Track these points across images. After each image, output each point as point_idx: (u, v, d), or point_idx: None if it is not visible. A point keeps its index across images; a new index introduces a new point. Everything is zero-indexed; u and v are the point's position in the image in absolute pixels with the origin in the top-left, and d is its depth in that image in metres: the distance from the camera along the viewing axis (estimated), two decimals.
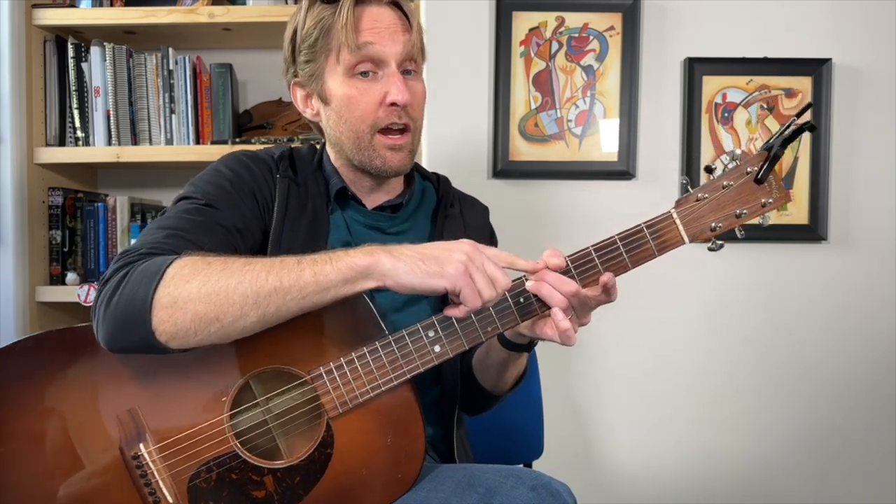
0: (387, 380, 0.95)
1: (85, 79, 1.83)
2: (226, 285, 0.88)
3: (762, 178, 0.95)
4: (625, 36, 1.81)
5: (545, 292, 0.95)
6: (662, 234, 0.97)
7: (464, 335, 0.96)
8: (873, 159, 1.85)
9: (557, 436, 1.57)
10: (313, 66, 1.11)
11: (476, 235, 1.19)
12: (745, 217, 0.96)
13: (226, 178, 1.08)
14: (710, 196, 0.95)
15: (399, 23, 1.09)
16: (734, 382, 1.87)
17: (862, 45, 1.83)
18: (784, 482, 1.88)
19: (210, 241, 0.98)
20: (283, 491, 0.95)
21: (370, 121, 1.09)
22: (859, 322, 1.86)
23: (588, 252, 0.98)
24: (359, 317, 0.97)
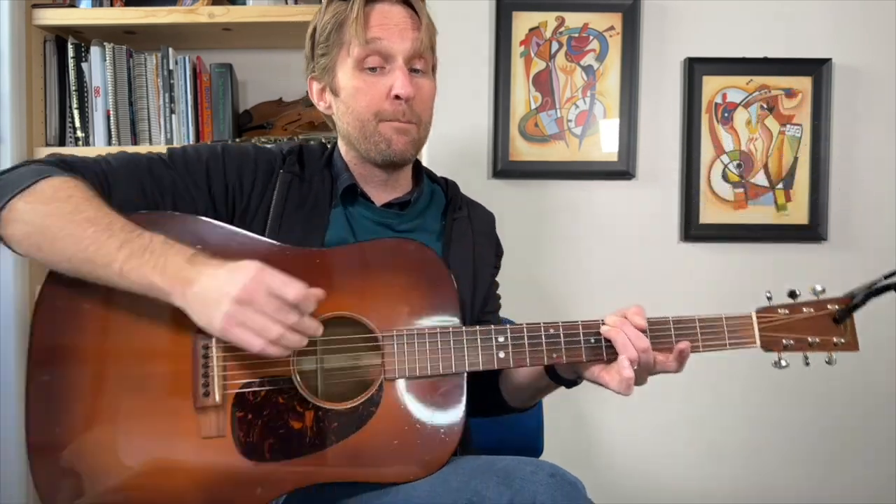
0: (447, 365, 1.00)
1: (85, 79, 1.83)
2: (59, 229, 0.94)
3: (840, 319, 1.04)
4: (625, 36, 1.81)
5: (621, 341, 1.01)
6: (738, 330, 1.04)
7: (529, 352, 1.02)
8: (873, 159, 1.85)
9: (557, 436, 1.57)
10: (327, 59, 1.15)
11: (483, 241, 1.25)
12: (817, 346, 1.05)
13: (212, 152, 1.13)
14: (790, 314, 1.03)
15: (409, 21, 1.13)
16: (733, 382, 1.87)
17: (862, 45, 1.83)
18: (784, 482, 1.88)
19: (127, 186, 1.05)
20: (317, 430, 0.98)
21: (375, 109, 1.12)
22: (859, 322, 1.85)
23: (667, 320, 1.05)
24: (442, 298, 1.04)
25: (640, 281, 1.86)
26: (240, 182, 1.12)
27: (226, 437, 0.98)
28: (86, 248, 0.93)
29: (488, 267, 1.27)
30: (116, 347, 0.99)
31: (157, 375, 0.99)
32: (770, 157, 1.84)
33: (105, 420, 0.98)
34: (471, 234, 1.23)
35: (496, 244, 1.32)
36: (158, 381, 0.99)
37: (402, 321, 1.02)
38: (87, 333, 1.00)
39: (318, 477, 0.98)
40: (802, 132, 1.83)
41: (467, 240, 1.22)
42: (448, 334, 1.01)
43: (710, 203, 1.84)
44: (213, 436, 0.98)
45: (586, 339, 1.03)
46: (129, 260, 0.92)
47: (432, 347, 1.00)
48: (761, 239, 1.85)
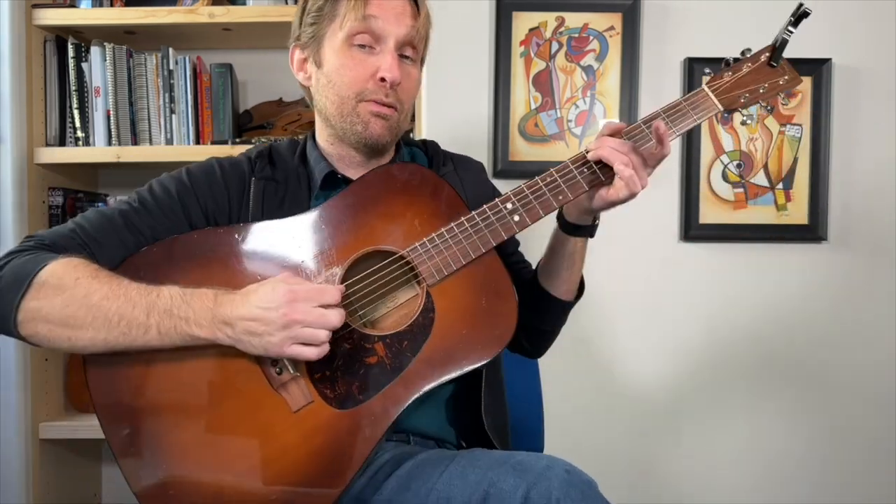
0: (474, 248, 1.05)
1: (85, 79, 1.83)
2: (82, 317, 0.97)
3: (775, 61, 1.12)
4: (625, 36, 1.81)
5: (606, 153, 1.04)
6: (698, 104, 1.10)
7: (539, 205, 1.07)
8: (873, 159, 1.85)
9: (557, 436, 1.57)
10: (316, 28, 1.14)
11: (475, 189, 1.25)
12: (767, 92, 1.12)
13: (179, 183, 1.13)
14: (734, 74, 1.11)
15: (409, 9, 1.13)
16: (734, 382, 1.87)
17: (862, 45, 1.83)
18: (784, 482, 1.88)
19: (110, 248, 1.06)
20: (393, 355, 1.03)
21: (357, 88, 1.11)
22: (859, 322, 1.86)
23: (638, 124, 1.09)
24: (445, 200, 1.09)
25: (640, 281, 1.86)
26: (215, 203, 1.13)
27: (314, 401, 1.01)
28: (117, 326, 0.97)
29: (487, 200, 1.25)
30: (175, 376, 1.02)
31: (226, 381, 1.02)
32: (770, 157, 1.84)
33: (199, 445, 1.01)
34: (461, 186, 1.22)
35: (493, 190, 1.29)
36: (231, 385, 1.02)
37: (418, 233, 1.06)
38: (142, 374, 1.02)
39: (411, 393, 1.02)
40: (802, 132, 1.83)
41: (459, 191, 1.19)
42: (462, 223, 1.06)
43: (710, 203, 1.84)
44: (303, 405, 1.01)
45: (579, 170, 1.08)
46: (162, 322, 0.97)
47: (455, 240, 1.05)
48: (761, 239, 1.85)
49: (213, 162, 1.17)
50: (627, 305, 1.87)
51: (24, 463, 1.75)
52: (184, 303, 0.98)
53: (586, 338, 1.87)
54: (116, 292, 0.98)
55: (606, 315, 1.87)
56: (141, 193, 1.12)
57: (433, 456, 1.03)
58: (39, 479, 1.78)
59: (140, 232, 1.08)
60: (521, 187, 1.08)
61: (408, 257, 1.05)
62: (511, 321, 1.05)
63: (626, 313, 1.87)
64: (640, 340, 1.87)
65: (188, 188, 1.12)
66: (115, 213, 1.09)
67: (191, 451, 1.00)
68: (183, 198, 1.12)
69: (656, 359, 1.87)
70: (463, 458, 1.00)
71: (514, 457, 0.96)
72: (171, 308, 0.97)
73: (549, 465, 0.93)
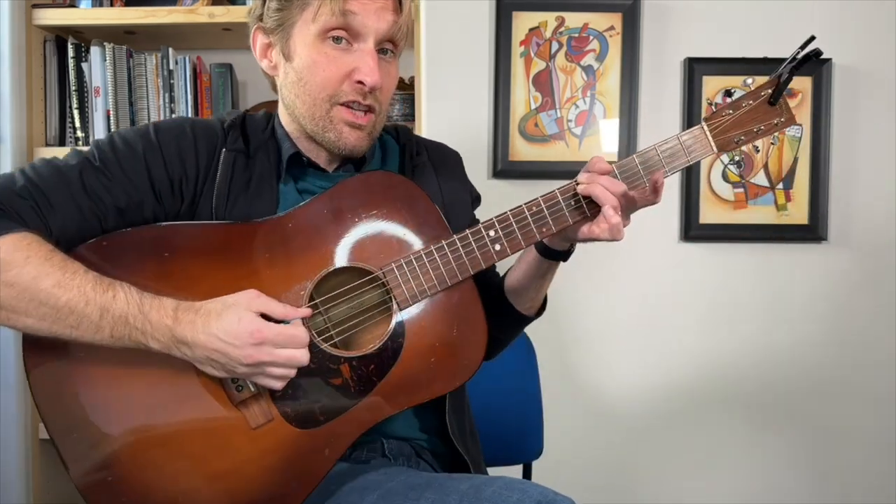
0: (452, 274, 1.02)
1: (85, 79, 1.83)
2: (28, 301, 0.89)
3: (774, 100, 1.07)
4: (625, 36, 1.81)
5: (598, 192, 1.01)
6: (694, 144, 1.07)
7: (521, 235, 1.03)
8: (873, 159, 1.85)
9: (557, 436, 1.57)
10: (284, 14, 1.03)
11: (449, 182, 1.18)
12: (762, 132, 1.08)
13: (146, 140, 1.02)
14: (733, 113, 1.08)
15: (390, 2, 1.03)
16: (734, 382, 1.87)
17: (862, 45, 1.83)
18: (784, 481, 1.89)
19: (64, 213, 0.96)
20: (358, 378, 1.00)
21: (331, 90, 1.02)
22: (859, 322, 1.86)
23: (631, 160, 1.05)
24: (425, 217, 1.04)
25: (640, 281, 1.86)
26: (184, 169, 1.03)
27: (274, 419, 0.99)
28: (65, 319, 0.90)
29: (463, 207, 1.20)
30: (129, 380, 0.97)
31: (186, 393, 0.98)
32: (770, 157, 1.84)
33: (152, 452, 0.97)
34: (435, 178, 1.16)
35: (468, 184, 1.25)
36: (190, 398, 0.98)
37: (396, 252, 1.02)
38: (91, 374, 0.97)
39: (375, 418, 1.01)
40: (802, 132, 1.83)
41: (432, 184, 1.15)
42: (443, 247, 1.02)
43: (710, 203, 1.84)
44: (262, 423, 0.99)
45: (567, 203, 1.04)
46: (115, 327, 0.91)
47: (433, 265, 1.02)
48: (761, 239, 1.85)
49: (184, 122, 1.07)
50: (627, 305, 1.87)
51: (24, 463, 1.75)
52: (141, 313, 0.91)
53: (585, 338, 1.87)
54: (69, 282, 0.89)
55: (606, 315, 1.87)
56: (101, 148, 1.01)
57: (399, 487, 0.98)
58: (39, 479, 1.78)
59: (99, 198, 0.98)
60: (507, 215, 1.04)
61: (383, 279, 1.01)
62: (479, 353, 1.03)
63: (625, 313, 1.86)
64: (640, 340, 1.87)
65: (155, 147, 1.02)
66: (72, 170, 0.98)
67: (143, 458, 0.96)
68: (148, 157, 1.01)
69: (656, 358, 1.87)
70: (432, 491, 0.95)
71: (484, 490, 0.92)
72: (126, 316, 0.91)
73: (520, 500, 0.89)
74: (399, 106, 1.93)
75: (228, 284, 0.97)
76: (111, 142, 1.02)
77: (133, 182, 1.00)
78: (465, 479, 0.97)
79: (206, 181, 1.05)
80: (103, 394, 0.97)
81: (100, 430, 0.96)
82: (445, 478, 1.00)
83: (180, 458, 0.97)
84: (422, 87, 1.81)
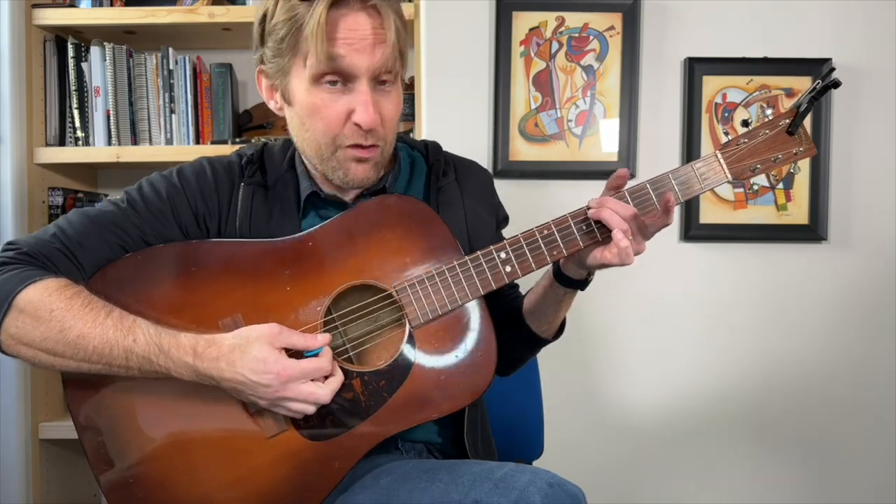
0: (463, 294, 1.04)
1: (85, 79, 1.83)
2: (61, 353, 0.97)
3: (793, 130, 1.07)
4: (625, 36, 1.81)
5: (606, 216, 1.02)
6: (707, 171, 1.07)
7: (532, 257, 1.05)
8: (873, 159, 1.85)
9: (557, 436, 1.57)
10: (280, 61, 1.05)
11: (475, 205, 1.20)
12: (780, 161, 1.08)
13: (169, 184, 1.10)
14: (749, 142, 1.08)
15: (375, 32, 1.01)
16: (734, 382, 1.87)
17: (862, 45, 1.83)
18: (784, 481, 1.88)
19: (93, 250, 1.03)
20: (369, 393, 1.03)
21: (333, 134, 1.04)
22: (859, 322, 1.86)
23: (643, 185, 1.06)
24: (438, 238, 1.07)
25: (640, 280, 1.86)
26: (206, 205, 1.10)
27: (288, 429, 1.02)
28: (98, 363, 0.97)
29: (486, 230, 1.21)
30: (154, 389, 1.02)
31: (205, 400, 1.01)
32: None
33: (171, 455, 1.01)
34: (460, 199, 1.17)
35: (496, 207, 1.26)
36: (209, 405, 1.01)
37: (409, 271, 1.05)
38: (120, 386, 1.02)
39: (384, 433, 1.03)
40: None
41: (457, 207, 1.17)
42: (454, 268, 1.04)
43: (710, 203, 1.84)
44: (276, 433, 1.02)
45: (578, 227, 1.05)
46: (143, 366, 0.97)
47: (444, 284, 1.04)
48: (761, 239, 1.85)
49: (203, 163, 1.13)
50: (627, 305, 1.87)
51: (24, 463, 1.75)
52: (161, 353, 0.96)
53: (586, 337, 1.87)
54: (92, 331, 0.96)
55: (606, 315, 1.86)
56: (130, 193, 1.09)
57: (413, 470, 1.01)
58: (39, 479, 1.78)
59: (126, 231, 1.05)
60: (518, 237, 1.06)
61: (396, 296, 1.04)
62: (489, 372, 1.04)
63: (625, 313, 1.86)
64: (640, 340, 1.87)
65: (178, 189, 1.09)
66: (100, 213, 1.06)
67: (163, 461, 1.01)
68: (173, 199, 1.08)
69: (656, 358, 1.87)
70: (445, 473, 0.97)
71: (496, 472, 0.94)
72: (149, 356, 0.96)
73: (531, 481, 0.91)
74: None
75: (250, 300, 1.03)
76: (138, 188, 1.10)
77: (160, 220, 1.07)
78: (477, 464, 0.99)
79: (228, 215, 1.11)
80: (130, 399, 1.02)
81: (124, 433, 1.01)
82: (458, 462, 1.02)
83: (198, 463, 1.01)
84: (422, 87, 1.81)
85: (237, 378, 0.95)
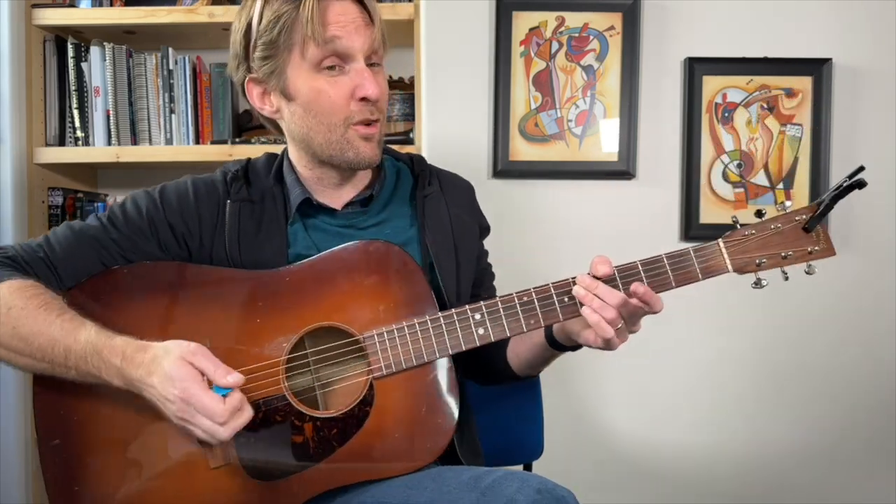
0: (430, 351, 1.01)
1: (85, 79, 1.83)
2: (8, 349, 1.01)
3: (810, 227, 1.01)
4: (625, 36, 1.81)
5: (582, 294, 1.00)
6: (708, 258, 1.01)
7: (507, 323, 1.02)
8: (873, 159, 1.84)
9: (557, 436, 1.57)
10: (273, 62, 1.08)
11: (460, 213, 1.21)
12: (791, 259, 1.01)
13: (151, 203, 1.12)
14: (757, 233, 1.01)
15: (363, 16, 1.08)
16: (734, 382, 1.87)
17: (862, 45, 1.82)
18: (784, 481, 1.88)
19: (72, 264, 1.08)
20: (319, 440, 1.01)
21: (343, 114, 1.08)
22: (859, 322, 1.86)
23: (635, 265, 1.02)
24: (415, 291, 1.05)
25: None
26: (186, 225, 1.12)
27: (233, 463, 1.00)
28: (42, 361, 1.00)
29: (471, 239, 1.23)
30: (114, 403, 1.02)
31: (158, 421, 1.00)
32: (770, 157, 1.84)
33: (117, 470, 1.01)
34: (445, 208, 1.19)
35: (478, 216, 1.28)
36: (161, 426, 1.00)
37: (381, 319, 1.03)
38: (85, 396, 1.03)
39: (329, 483, 1.00)
40: (802, 132, 1.83)
41: (442, 214, 1.19)
42: (426, 322, 1.02)
43: (711, 203, 1.84)
44: (221, 465, 1.00)
45: (560, 299, 1.02)
46: (79, 367, 0.99)
47: (413, 338, 1.02)
48: None
49: (187, 182, 1.16)
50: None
51: (24, 463, 1.75)
52: (96, 353, 0.98)
53: None
54: (42, 329, 0.99)
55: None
56: (113, 210, 1.13)
57: (399, 478, 1.00)
58: (39, 480, 1.78)
59: (105, 247, 1.09)
60: (496, 300, 1.03)
61: (362, 343, 1.02)
62: (445, 437, 1.01)
63: None
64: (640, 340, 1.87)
65: (158, 209, 1.12)
66: (84, 228, 1.10)
67: (111, 479, 1.01)
68: (152, 217, 1.11)
69: (656, 358, 1.87)
70: (431, 480, 0.97)
71: (485, 479, 0.93)
72: (85, 356, 0.98)
73: (519, 489, 0.90)
74: (399, 106, 1.92)
75: (220, 327, 1.03)
76: (121, 205, 1.13)
77: (137, 237, 1.10)
78: (465, 471, 0.98)
79: (216, 233, 1.12)
80: (88, 411, 1.03)
81: (79, 443, 1.02)
82: (445, 469, 1.01)
83: (142, 482, 1.01)
84: (422, 87, 1.81)
85: (151, 387, 0.95)
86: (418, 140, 1.82)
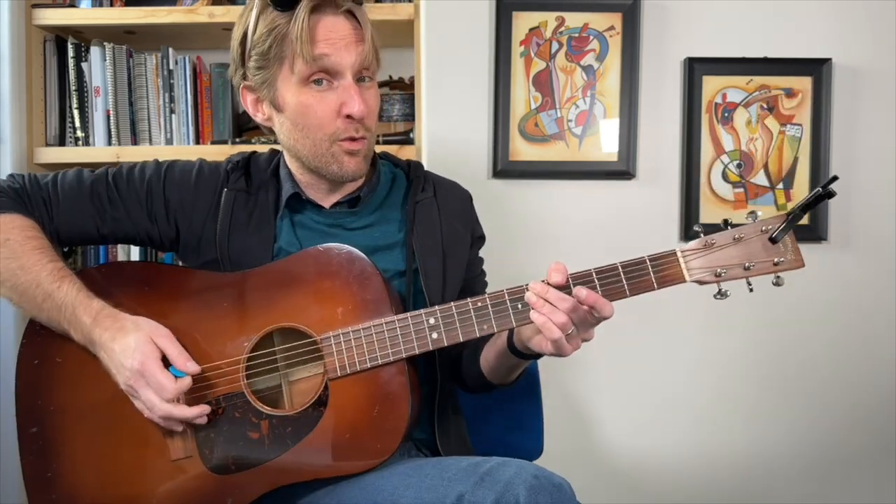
0: (384, 354, 1.04)
1: (85, 79, 1.83)
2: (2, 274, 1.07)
3: (777, 238, 0.97)
4: (625, 36, 1.81)
5: (531, 299, 1.00)
6: (664, 268, 1.00)
7: (461, 328, 1.04)
8: (873, 159, 1.84)
9: (557, 435, 1.57)
10: (265, 73, 1.11)
11: (453, 221, 1.22)
12: (754, 271, 0.98)
13: (156, 173, 1.18)
14: (719, 243, 0.98)
15: (354, 32, 1.09)
16: (733, 382, 1.87)
17: (862, 45, 1.83)
18: (783, 480, 1.89)
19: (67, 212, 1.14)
20: (274, 437, 1.04)
21: (329, 130, 1.10)
22: (859, 322, 1.86)
23: (589, 273, 1.01)
24: (373, 294, 1.06)
25: None
26: (180, 204, 1.16)
27: (193, 456, 1.06)
28: (21, 295, 1.08)
29: (462, 247, 1.24)
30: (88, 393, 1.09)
31: (125, 412, 1.06)
32: (770, 157, 1.84)
33: (88, 459, 1.08)
34: (437, 214, 1.20)
35: (473, 224, 1.28)
36: (127, 417, 1.06)
37: (338, 322, 1.05)
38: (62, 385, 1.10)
39: (282, 480, 1.04)
40: (802, 132, 1.83)
41: (433, 221, 1.20)
42: (381, 325, 1.04)
43: (710, 203, 1.84)
44: (181, 457, 1.06)
45: (513, 305, 1.03)
46: (51, 313, 1.07)
47: (368, 341, 1.04)
48: None
49: (194, 166, 1.20)
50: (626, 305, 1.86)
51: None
52: (71, 307, 1.05)
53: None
54: (30, 267, 1.06)
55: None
56: (122, 169, 1.18)
57: (399, 466, 1.02)
58: None
59: (101, 205, 1.15)
60: (450, 305, 1.04)
61: (319, 344, 1.05)
62: (396, 438, 1.02)
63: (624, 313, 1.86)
64: (639, 340, 1.87)
65: (160, 180, 1.17)
66: (88, 182, 1.15)
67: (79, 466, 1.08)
68: (151, 188, 1.16)
69: (655, 358, 1.87)
70: (431, 467, 0.98)
71: (482, 465, 0.94)
72: (60, 306, 1.05)
73: (516, 473, 0.91)
74: (399, 106, 1.92)
75: (188, 325, 1.08)
76: (131, 167, 1.18)
77: (132, 200, 1.16)
78: (464, 459, 1.00)
79: (208, 217, 1.16)
80: (65, 399, 1.09)
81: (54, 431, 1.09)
82: (445, 458, 1.05)
83: (108, 469, 1.06)
84: (422, 87, 1.81)
85: (112, 352, 1.02)
86: (418, 140, 1.83)
